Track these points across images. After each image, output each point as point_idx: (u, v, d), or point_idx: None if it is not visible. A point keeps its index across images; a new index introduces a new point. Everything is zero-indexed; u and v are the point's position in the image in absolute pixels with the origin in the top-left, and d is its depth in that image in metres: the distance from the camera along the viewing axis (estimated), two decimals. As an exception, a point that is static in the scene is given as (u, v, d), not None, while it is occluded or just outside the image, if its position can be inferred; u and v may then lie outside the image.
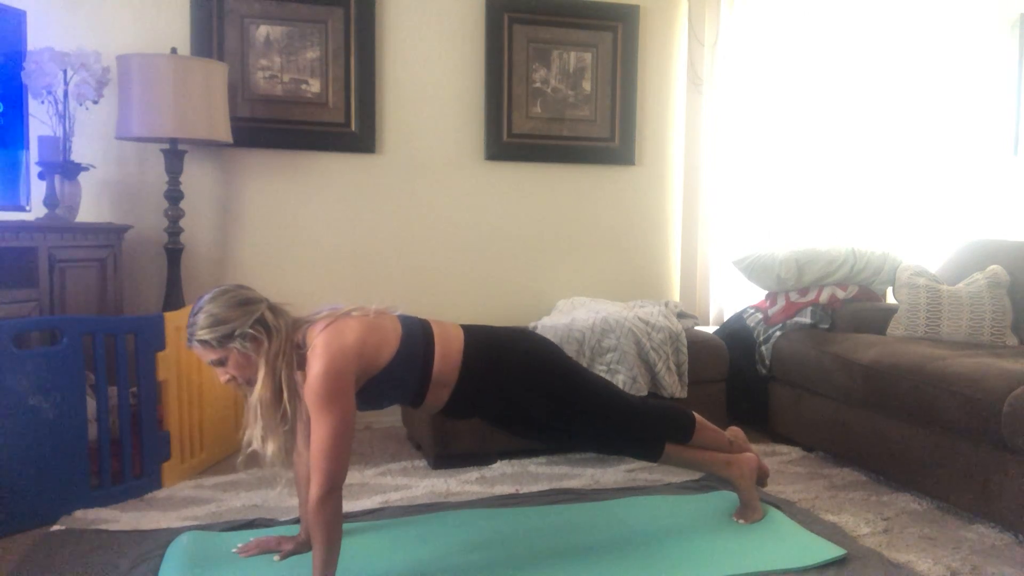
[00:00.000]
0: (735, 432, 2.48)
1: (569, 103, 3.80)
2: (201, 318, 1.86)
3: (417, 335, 2.02)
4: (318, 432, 1.80)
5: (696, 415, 2.37)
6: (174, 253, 3.16)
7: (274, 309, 1.91)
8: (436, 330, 2.06)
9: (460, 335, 2.07)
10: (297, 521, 2.27)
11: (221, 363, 1.88)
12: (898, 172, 4.07)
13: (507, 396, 2.11)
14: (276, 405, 1.85)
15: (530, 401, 2.12)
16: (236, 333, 1.84)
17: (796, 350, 3.24)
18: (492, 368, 2.08)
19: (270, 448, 1.84)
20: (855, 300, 3.44)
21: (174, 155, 3.10)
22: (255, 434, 1.86)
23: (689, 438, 2.32)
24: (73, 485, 2.42)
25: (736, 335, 3.54)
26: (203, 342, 1.86)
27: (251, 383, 1.87)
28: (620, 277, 3.93)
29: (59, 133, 2.92)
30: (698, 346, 3.22)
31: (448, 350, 2.03)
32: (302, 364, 1.87)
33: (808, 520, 2.40)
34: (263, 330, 1.86)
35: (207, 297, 1.89)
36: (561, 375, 2.17)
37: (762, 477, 2.48)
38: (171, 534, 2.24)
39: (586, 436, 2.29)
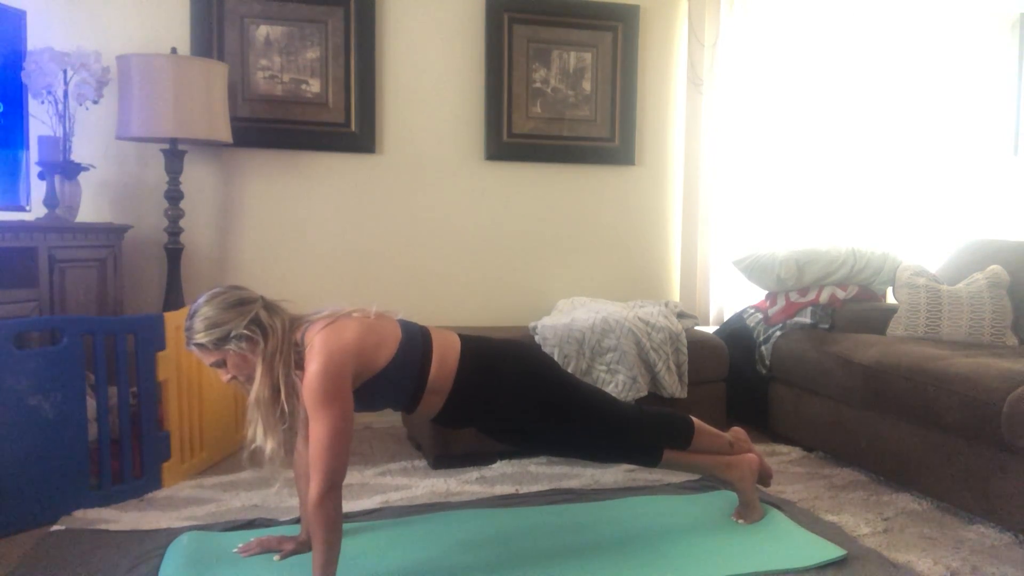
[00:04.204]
0: (737, 433, 2.47)
1: (569, 103, 3.80)
2: (196, 322, 1.86)
3: (416, 340, 2.02)
4: (317, 430, 1.80)
5: (695, 420, 2.36)
6: (174, 253, 3.16)
7: (269, 307, 1.92)
8: (434, 337, 2.06)
9: (457, 344, 2.07)
10: (298, 521, 2.27)
11: (221, 364, 1.89)
12: (898, 172, 4.07)
13: (499, 407, 2.11)
14: (274, 404, 1.85)
15: (522, 413, 2.12)
16: (231, 335, 1.84)
17: (796, 350, 3.24)
18: (485, 379, 2.07)
19: (269, 446, 1.85)
20: (855, 300, 3.44)
21: (174, 155, 3.10)
22: (256, 432, 1.86)
23: (688, 444, 2.31)
24: (73, 485, 2.42)
25: (736, 335, 3.54)
26: (200, 345, 1.87)
27: (252, 382, 1.88)
28: (620, 277, 3.93)
29: (59, 133, 2.92)
30: (698, 346, 3.22)
31: (444, 358, 2.03)
32: (301, 363, 1.87)
33: (808, 520, 2.40)
34: (258, 330, 1.86)
35: (202, 300, 1.90)
36: (554, 388, 2.16)
37: (765, 477, 2.47)
38: (171, 534, 2.24)
39: (580, 447, 2.30)
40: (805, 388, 3.18)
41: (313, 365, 1.82)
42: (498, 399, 2.10)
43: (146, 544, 2.17)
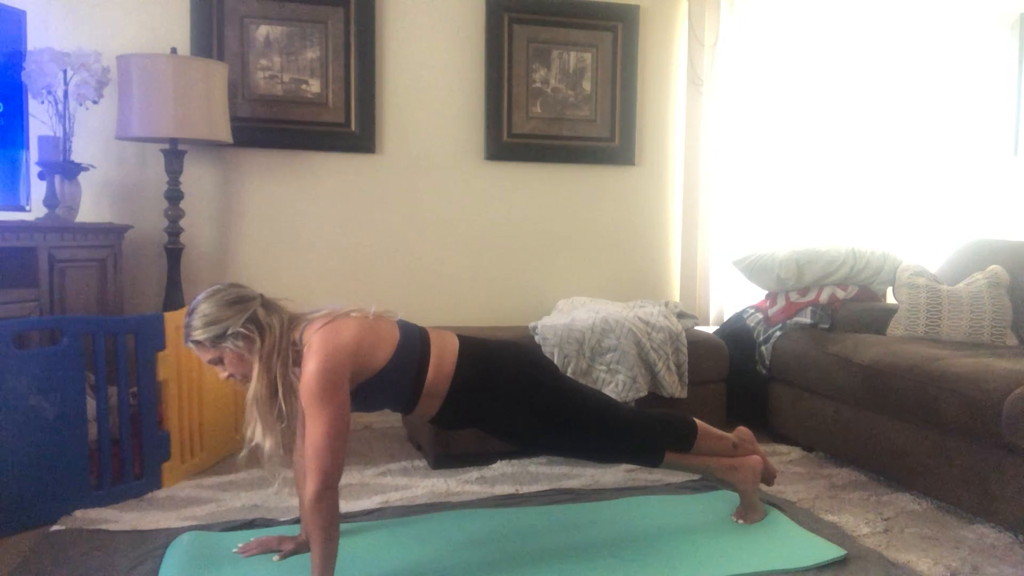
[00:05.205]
0: (742, 433, 2.46)
1: (569, 103, 3.79)
2: (195, 319, 1.87)
3: (414, 343, 2.01)
4: (313, 430, 1.80)
5: (698, 422, 2.35)
6: (174, 253, 3.16)
7: (268, 306, 1.92)
8: (433, 339, 2.05)
9: (455, 347, 2.06)
10: (297, 521, 2.27)
11: (218, 362, 1.89)
12: (898, 172, 4.07)
13: (497, 411, 2.11)
14: (271, 403, 1.85)
15: (520, 417, 2.12)
16: (228, 333, 1.85)
17: (796, 350, 3.24)
18: (483, 383, 2.07)
19: (267, 445, 1.85)
20: (855, 300, 3.44)
21: (174, 155, 3.10)
22: (255, 431, 1.86)
23: (690, 446, 2.30)
24: (73, 485, 2.42)
25: (736, 335, 3.54)
26: (197, 342, 1.88)
27: (249, 380, 1.88)
28: (620, 277, 3.93)
29: (59, 133, 2.92)
30: (698, 346, 3.22)
31: (442, 361, 2.02)
32: (298, 361, 1.87)
33: (808, 520, 2.40)
34: (255, 329, 1.86)
35: (201, 297, 1.90)
36: (552, 392, 2.15)
37: (769, 477, 2.46)
38: (171, 534, 2.24)
39: (580, 449, 2.31)
40: (805, 388, 3.18)
41: (310, 364, 1.82)
42: (496, 403, 2.09)
43: (146, 544, 2.17)
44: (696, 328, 3.45)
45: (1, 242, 2.52)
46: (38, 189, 2.93)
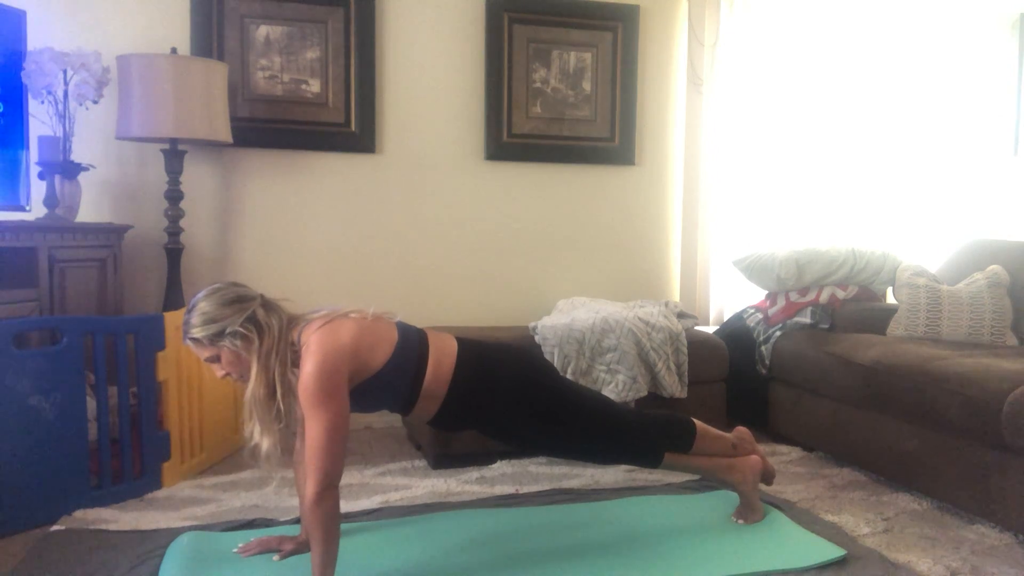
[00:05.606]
0: (741, 433, 2.46)
1: (569, 103, 3.79)
2: (194, 316, 1.87)
3: (412, 344, 2.01)
4: (312, 430, 1.80)
5: (697, 423, 2.35)
6: (174, 253, 3.16)
7: (267, 306, 1.92)
8: (431, 341, 2.05)
9: (454, 349, 2.06)
10: (298, 521, 2.27)
11: (215, 360, 1.90)
12: (898, 172, 4.07)
13: (495, 413, 2.11)
14: (270, 403, 1.85)
15: (518, 419, 2.12)
16: (227, 331, 1.85)
17: (796, 350, 3.24)
18: (481, 385, 2.07)
19: (265, 445, 1.85)
20: (855, 300, 3.44)
21: (174, 155, 3.10)
22: (253, 430, 1.86)
23: (689, 447, 2.30)
24: (73, 485, 2.42)
25: (736, 335, 3.54)
26: (195, 340, 1.88)
27: (246, 379, 1.88)
28: (620, 277, 3.93)
29: (59, 133, 2.92)
30: (698, 346, 3.22)
31: (440, 364, 2.02)
32: (297, 361, 1.87)
33: (808, 520, 2.40)
34: (253, 328, 1.86)
35: (201, 295, 1.90)
36: (551, 394, 2.15)
37: (768, 477, 2.46)
38: (171, 534, 2.24)
39: (579, 451, 2.31)
40: (805, 388, 3.18)
41: (308, 365, 1.82)
42: (494, 405, 2.09)
43: (146, 544, 2.17)
44: (696, 328, 3.45)
45: (1, 242, 2.53)
46: (38, 189, 2.93)
